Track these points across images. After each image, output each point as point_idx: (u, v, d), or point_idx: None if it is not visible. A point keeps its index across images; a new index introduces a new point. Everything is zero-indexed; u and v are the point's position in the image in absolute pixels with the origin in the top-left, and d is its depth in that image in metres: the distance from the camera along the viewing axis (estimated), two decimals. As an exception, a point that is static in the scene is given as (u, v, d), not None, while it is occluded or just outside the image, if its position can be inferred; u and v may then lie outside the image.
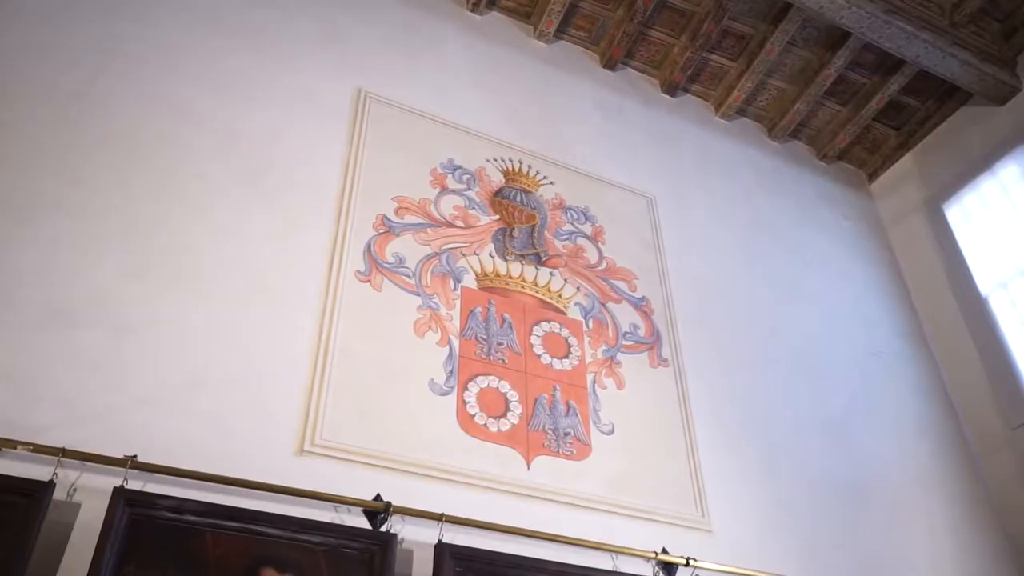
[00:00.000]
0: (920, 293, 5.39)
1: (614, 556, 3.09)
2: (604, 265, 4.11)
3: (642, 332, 3.95)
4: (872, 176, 6.07)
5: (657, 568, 3.13)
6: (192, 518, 2.41)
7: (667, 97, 5.45)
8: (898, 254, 5.62)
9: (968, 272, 5.14)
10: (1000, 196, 5.15)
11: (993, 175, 5.23)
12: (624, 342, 3.84)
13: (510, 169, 4.22)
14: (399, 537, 2.70)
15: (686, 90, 5.56)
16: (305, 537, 2.53)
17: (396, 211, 3.66)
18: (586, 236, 4.18)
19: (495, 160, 4.21)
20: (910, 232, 5.63)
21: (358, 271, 3.36)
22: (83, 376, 2.64)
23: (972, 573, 4.07)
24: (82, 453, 2.42)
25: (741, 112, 5.70)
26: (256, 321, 3.04)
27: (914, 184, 5.75)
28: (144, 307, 2.87)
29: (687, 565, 3.16)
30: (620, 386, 3.67)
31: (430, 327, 3.37)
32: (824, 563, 3.61)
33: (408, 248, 3.57)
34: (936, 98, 5.63)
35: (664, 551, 3.18)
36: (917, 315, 5.30)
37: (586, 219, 4.26)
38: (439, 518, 2.79)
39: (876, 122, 5.80)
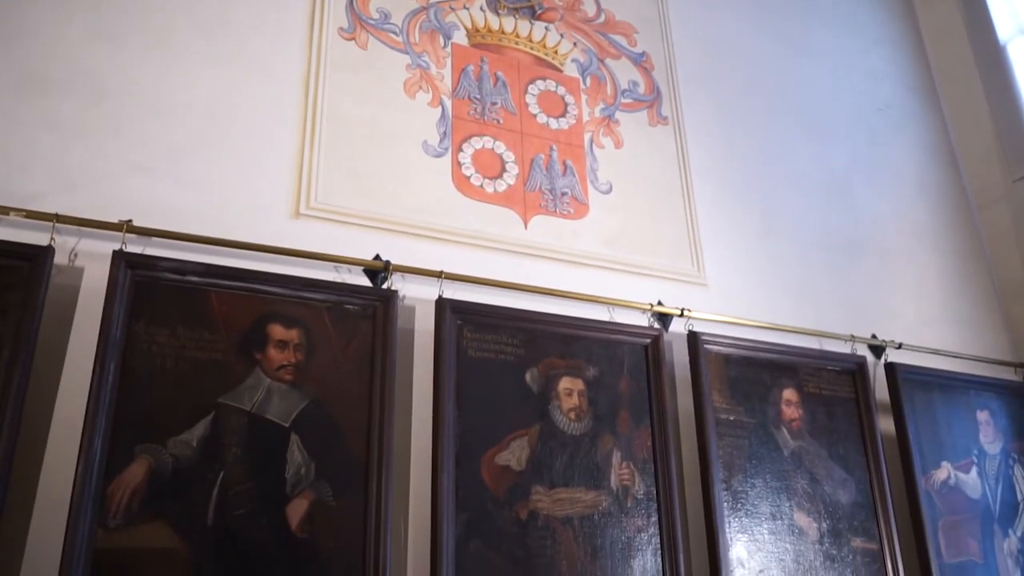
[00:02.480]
0: (935, 43, 5.13)
1: (611, 309, 3.18)
2: (602, 18, 3.87)
3: (642, 90, 3.80)
4: (897, -86, 5.56)
5: (652, 319, 3.24)
6: (195, 279, 2.45)
7: None
8: (916, 2, 5.29)
9: (989, 18, 4.86)
10: (1034, -69, 4.76)
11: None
12: (623, 100, 3.71)
13: (500, -89, 3.85)
14: (400, 294, 2.77)
15: None
16: (308, 295, 2.59)
17: (378, -38, 3.39)
18: (583, -13, 3.90)
19: (483, -99, 3.83)
20: (932, -24, 5.26)
21: (341, 28, 3.17)
22: (68, 144, 2.57)
23: (956, 318, 4.23)
24: (77, 219, 2.41)
25: None
26: (238, 84, 2.91)
27: (943, -80, 5.28)
28: (121, 72, 2.74)
29: (681, 315, 3.27)
30: (618, 145, 3.59)
31: (421, 87, 3.24)
32: (813, 313, 3.72)
33: (393, 3, 3.34)
34: None
35: (659, 303, 3.28)
36: (929, 67, 5.08)
37: (583, -32, 3.95)
38: (438, 275, 2.84)
39: None
